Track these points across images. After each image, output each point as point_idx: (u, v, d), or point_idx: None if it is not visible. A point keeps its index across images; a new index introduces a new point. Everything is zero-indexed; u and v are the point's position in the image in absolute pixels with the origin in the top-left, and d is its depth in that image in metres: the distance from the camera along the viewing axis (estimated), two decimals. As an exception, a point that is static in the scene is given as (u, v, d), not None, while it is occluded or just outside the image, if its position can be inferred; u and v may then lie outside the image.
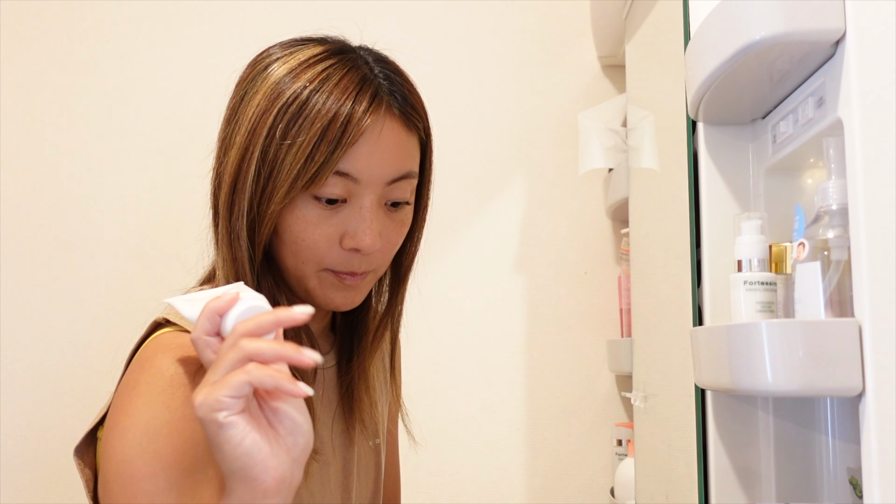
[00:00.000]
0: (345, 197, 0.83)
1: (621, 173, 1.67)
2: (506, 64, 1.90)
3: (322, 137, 0.80)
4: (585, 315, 1.85)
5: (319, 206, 0.83)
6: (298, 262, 0.85)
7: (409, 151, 0.87)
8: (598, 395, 1.84)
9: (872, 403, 0.70)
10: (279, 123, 0.82)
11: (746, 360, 0.79)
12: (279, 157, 0.82)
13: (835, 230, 0.79)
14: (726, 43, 0.83)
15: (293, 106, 0.82)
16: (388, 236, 0.87)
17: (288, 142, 0.81)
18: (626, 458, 1.68)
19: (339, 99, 0.82)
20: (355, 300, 0.89)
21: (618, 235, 1.85)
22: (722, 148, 1.03)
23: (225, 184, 0.85)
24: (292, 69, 0.84)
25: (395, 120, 0.85)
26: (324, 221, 0.83)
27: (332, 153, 0.81)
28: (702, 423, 1.04)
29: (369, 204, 0.84)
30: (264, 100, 0.84)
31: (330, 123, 0.81)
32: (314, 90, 0.82)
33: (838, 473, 0.93)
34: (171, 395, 0.78)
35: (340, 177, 0.82)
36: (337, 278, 0.86)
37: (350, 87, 0.83)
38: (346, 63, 0.85)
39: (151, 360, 0.81)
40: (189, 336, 0.81)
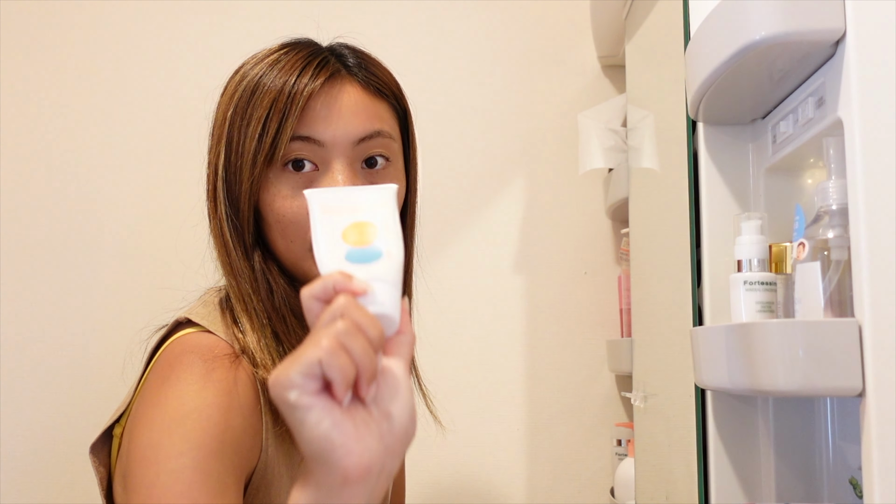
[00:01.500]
0: (314, 162, 0.85)
1: (621, 173, 1.67)
2: (506, 64, 1.90)
3: (272, 108, 0.84)
4: (585, 315, 1.85)
5: (291, 176, 0.85)
6: (287, 242, 0.86)
7: (376, 113, 0.88)
8: (598, 395, 1.84)
9: (872, 403, 0.70)
10: (238, 108, 0.86)
11: (746, 359, 0.79)
12: (241, 137, 0.85)
13: (835, 230, 0.79)
14: (726, 43, 0.83)
15: (248, 89, 0.86)
16: None
17: (245, 122, 0.85)
18: (626, 458, 1.68)
19: (288, 73, 0.85)
20: None
21: (618, 235, 1.85)
22: (722, 148, 1.03)
23: (209, 180, 0.89)
24: (254, 65, 0.89)
25: (354, 84, 0.88)
26: (299, 192, 0.84)
27: (284, 120, 0.83)
28: (702, 423, 1.04)
29: (340, 166, 0.85)
30: (226, 94, 0.90)
31: (278, 94, 0.84)
32: (265, 73, 0.86)
33: (838, 473, 0.93)
34: (203, 387, 0.78)
35: (301, 141, 0.84)
36: None
37: (298, 62, 0.86)
38: (300, 48, 0.89)
39: (180, 358, 0.81)
40: (212, 338, 0.83)
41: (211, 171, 0.90)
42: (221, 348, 0.83)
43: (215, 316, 0.88)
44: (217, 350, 0.82)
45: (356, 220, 0.65)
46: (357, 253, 0.64)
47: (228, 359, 0.81)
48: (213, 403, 0.77)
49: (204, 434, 0.75)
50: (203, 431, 0.75)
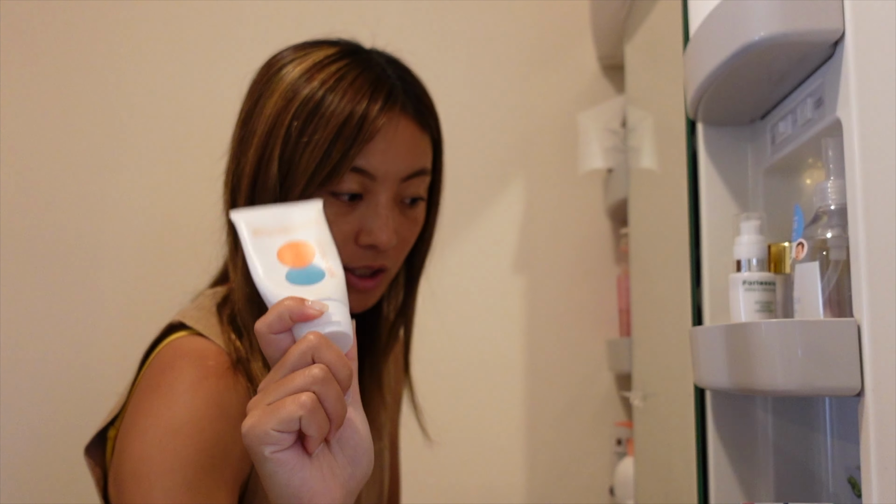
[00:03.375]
0: (361, 193, 0.85)
1: (621, 173, 1.67)
2: (505, 64, 1.90)
3: (338, 135, 0.82)
4: (585, 315, 1.85)
5: (336, 203, 0.84)
6: None
7: (423, 149, 0.90)
8: (597, 394, 1.84)
9: (871, 403, 0.70)
10: (296, 122, 0.83)
11: (745, 359, 0.79)
12: (296, 156, 0.82)
13: (833, 230, 0.79)
14: (725, 43, 0.83)
15: (309, 105, 0.83)
16: (403, 234, 0.89)
17: (305, 140, 0.82)
18: (626, 458, 1.68)
19: (355, 97, 0.83)
20: (368, 302, 0.90)
21: (617, 235, 1.86)
22: (721, 148, 1.03)
23: (244, 185, 0.85)
24: (306, 70, 0.85)
25: (410, 119, 0.87)
26: (340, 218, 0.84)
27: (348, 150, 0.82)
28: (701, 423, 1.04)
29: (385, 200, 0.86)
30: (280, 100, 0.85)
31: (346, 121, 0.82)
32: (329, 89, 0.83)
33: (837, 473, 0.93)
34: (193, 396, 0.78)
35: (356, 173, 0.84)
36: (352, 282, 0.86)
37: (365, 87, 0.84)
38: (359, 63, 0.86)
39: (171, 364, 0.81)
40: (205, 342, 0.82)
41: (247, 172, 0.85)
42: (213, 353, 0.82)
43: (210, 319, 0.86)
44: (209, 356, 0.81)
45: (290, 241, 0.64)
46: (298, 274, 0.62)
47: (220, 365, 0.81)
48: (204, 415, 0.77)
49: (194, 449, 0.75)
50: (194, 447, 0.75)
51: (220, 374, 0.80)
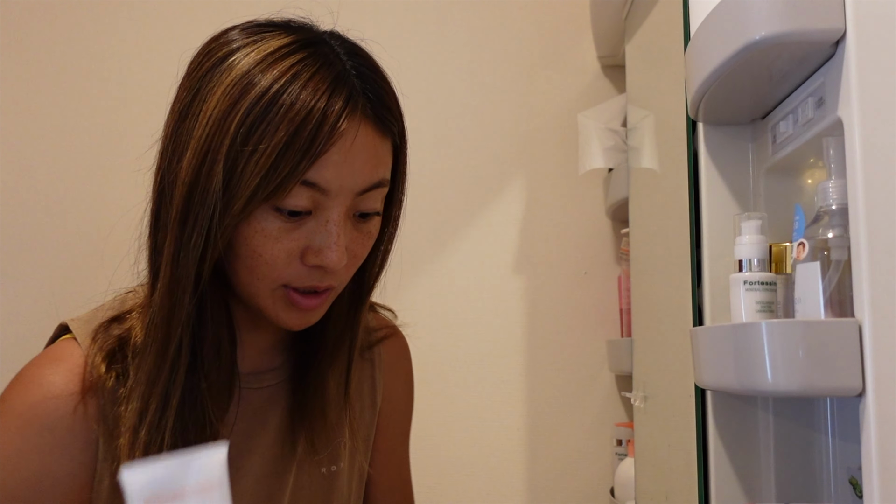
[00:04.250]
0: (310, 209, 0.75)
1: (621, 173, 1.67)
2: (506, 64, 1.90)
3: (288, 145, 0.71)
4: (585, 315, 1.85)
5: (281, 218, 0.74)
6: (253, 277, 0.76)
7: (382, 158, 0.78)
8: (598, 395, 1.84)
9: (872, 403, 0.70)
10: (242, 128, 0.71)
11: (746, 360, 0.79)
12: (239, 165, 0.71)
13: (835, 230, 0.79)
14: (726, 43, 0.83)
15: (258, 107, 0.72)
16: (354, 250, 0.79)
17: (250, 148, 0.71)
18: (626, 458, 1.68)
19: (309, 101, 0.72)
20: (311, 320, 0.82)
21: (618, 235, 1.85)
22: (722, 148, 1.03)
23: (177, 193, 0.74)
24: (256, 62, 0.74)
25: (369, 124, 0.76)
26: (285, 235, 0.75)
27: (298, 162, 0.71)
28: (702, 423, 1.04)
29: (337, 217, 0.76)
30: (225, 98, 0.73)
31: (298, 129, 0.71)
32: (280, 90, 0.72)
33: (838, 473, 0.93)
34: (28, 423, 0.75)
35: (307, 187, 0.73)
36: (292, 299, 0.78)
37: (322, 87, 0.73)
38: (317, 57, 0.75)
39: (23, 377, 0.78)
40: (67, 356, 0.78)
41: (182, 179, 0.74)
42: (63, 375, 0.77)
43: (92, 325, 0.81)
44: (67, 368, 0.77)
45: None
46: None
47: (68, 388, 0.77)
48: (35, 446, 0.75)
49: (20, 484, 0.74)
50: (20, 481, 0.74)
51: (58, 403, 0.76)
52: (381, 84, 0.79)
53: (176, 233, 0.74)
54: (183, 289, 0.74)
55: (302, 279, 0.77)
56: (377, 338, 1.00)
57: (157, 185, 0.78)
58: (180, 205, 0.74)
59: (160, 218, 0.77)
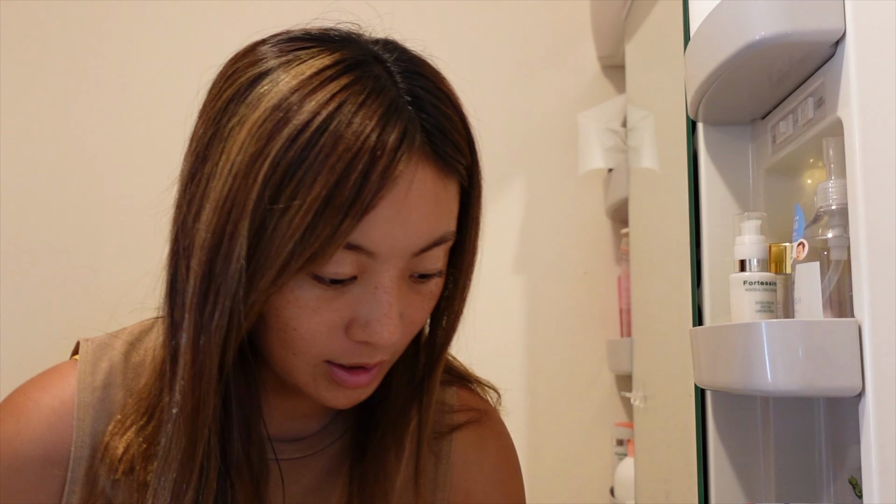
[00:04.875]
0: (354, 274, 0.61)
1: (621, 173, 1.67)
2: (506, 64, 1.90)
3: (329, 200, 0.57)
4: (585, 315, 1.85)
5: (320, 286, 0.60)
6: (288, 353, 0.63)
7: (446, 207, 0.65)
8: (597, 394, 1.84)
9: (872, 403, 0.70)
10: (272, 178, 0.57)
11: (746, 360, 0.79)
12: (268, 227, 0.57)
13: (834, 230, 0.79)
14: (726, 43, 0.83)
15: (291, 152, 0.57)
16: (412, 314, 0.65)
17: (281, 205, 0.57)
18: (626, 458, 1.68)
19: (353, 142, 0.57)
20: (360, 398, 0.67)
21: (618, 235, 1.86)
22: (722, 148, 1.03)
23: (195, 260, 0.60)
24: (291, 91, 0.59)
25: (429, 165, 0.61)
26: (325, 305, 0.61)
27: (341, 222, 0.57)
28: (701, 423, 1.04)
29: (388, 282, 0.61)
30: (251, 139, 0.58)
31: (340, 179, 0.57)
32: (320, 128, 0.57)
33: (838, 473, 0.93)
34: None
35: (351, 251, 0.59)
36: (336, 377, 0.65)
37: (370, 123, 0.58)
38: (365, 81, 0.60)
39: (9, 403, 0.71)
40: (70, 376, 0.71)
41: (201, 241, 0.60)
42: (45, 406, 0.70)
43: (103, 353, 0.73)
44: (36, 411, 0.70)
45: None
46: None
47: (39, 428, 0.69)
48: (4, 485, 0.68)
49: None
50: None
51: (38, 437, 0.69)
52: (444, 111, 0.65)
53: (195, 312, 0.60)
54: (207, 383, 0.61)
55: (347, 356, 0.64)
56: (453, 423, 0.81)
57: (172, 245, 0.64)
58: (199, 275, 0.60)
59: (176, 286, 0.63)
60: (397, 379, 0.73)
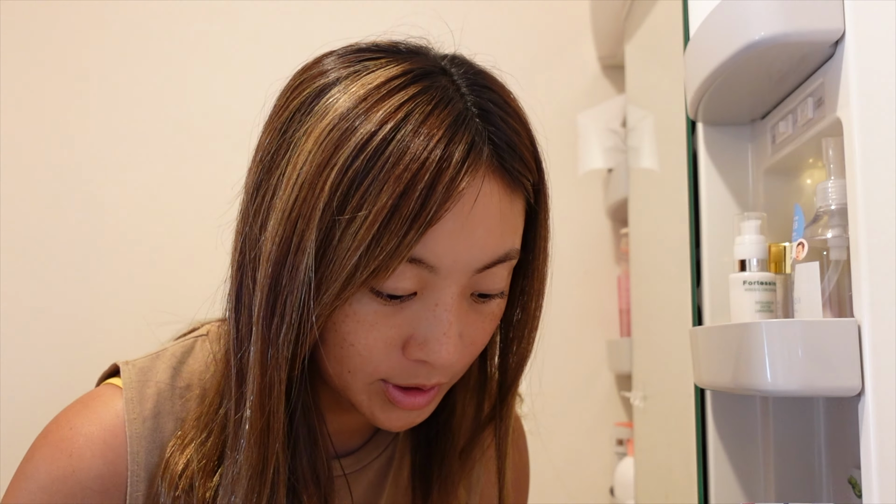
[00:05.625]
0: (415, 290, 0.60)
1: (621, 173, 1.67)
2: (506, 64, 1.89)
3: (394, 212, 0.56)
4: (585, 315, 1.85)
5: (379, 301, 0.60)
6: (344, 370, 0.63)
7: (511, 224, 0.63)
8: (598, 395, 1.84)
9: (871, 403, 0.70)
10: (339, 190, 0.57)
11: (746, 359, 0.79)
12: (334, 238, 0.57)
13: (834, 230, 0.79)
14: (726, 43, 0.83)
15: (358, 162, 0.57)
16: (473, 335, 0.65)
17: (347, 216, 0.57)
18: (626, 458, 1.68)
19: (420, 153, 0.57)
20: (416, 421, 0.67)
21: (618, 235, 1.86)
22: (721, 148, 1.03)
23: (262, 272, 0.60)
24: (358, 101, 0.59)
25: (495, 180, 0.61)
26: (382, 321, 0.61)
27: (405, 234, 0.56)
28: (701, 423, 1.04)
29: (449, 300, 0.61)
30: (318, 150, 0.58)
31: (406, 191, 0.56)
32: (387, 138, 0.57)
33: (838, 473, 0.93)
34: (50, 499, 0.66)
35: (413, 265, 0.59)
36: (393, 398, 0.64)
37: (437, 134, 0.58)
38: (433, 92, 0.60)
39: (53, 438, 0.69)
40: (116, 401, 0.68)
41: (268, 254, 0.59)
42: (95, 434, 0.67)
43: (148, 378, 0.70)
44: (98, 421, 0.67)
45: None
46: None
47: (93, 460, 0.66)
48: None
49: None
50: None
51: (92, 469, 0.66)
52: (512, 125, 0.65)
53: (263, 326, 0.60)
54: (277, 397, 0.61)
55: (404, 375, 0.63)
56: None
57: (238, 256, 0.64)
58: (266, 287, 0.59)
59: (241, 299, 0.63)
60: (461, 406, 0.72)
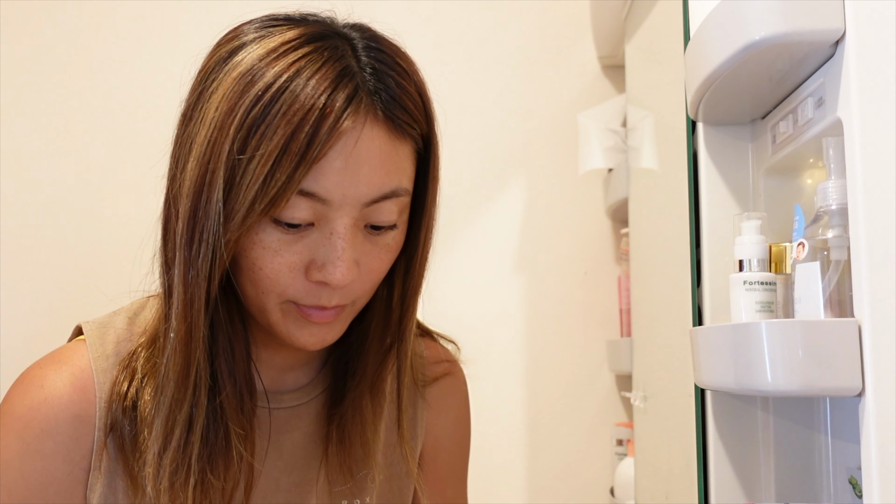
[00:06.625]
0: (311, 220, 0.69)
1: (621, 173, 1.67)
2: (506, 64, 1.90)
3: (285, 150, 0.66)
4: (585, 315, 1.85)
5: (280, 230, 0.69)
6: (258, 291, 0.72)
7: (396, 165, 0.71)
8: (598, 395, 1.84)
9: (872, 403, 0.70)
10: (240, 132, 0.67)
11: (746, 360, 0.79)
12: (237, 174, 0.67)
13: (834, 230, 0.79)
14: (726, 43, 0.83)
15: (256, 108, 0.67)
16: (369, 263, 0.73)
17: (247, 155, 0.67)
18: (626, 458, 1.68)
19: (308, 100, 0.66)
20: (326, 339, 0.75)
21: (618, 235, 1.86)
22: (722, 148, 1.03)
23: (182, 206, 0.70)
24: (260, 58, 0.69)
25: (378, 125, 0.69)
26: (286, 248, 0.70)
27: (295, 169, 0.66)
28: (701, 423, 1.04)
29: (342, 229, 0.70)
30: (225, 99, 0.68)
31: (295, 131, 0.66)
32: (281, 88, 0.67)
33: (838, 473, 0.93)
34: (27, 426, 0.74)
35: (305, 197, 0.68)
36: (302, 313, 0.73)
37: (324, 84, 0.67)
38: (326, 51, 0.69)
39: (25, 378, 0.76)
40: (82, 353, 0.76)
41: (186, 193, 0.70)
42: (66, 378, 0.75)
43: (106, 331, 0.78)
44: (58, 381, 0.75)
45: None
46: None
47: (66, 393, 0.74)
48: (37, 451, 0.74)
49: (26, 489, 0.74)
50: (25, 487, 0.74)
51: (66, 400, 0.74)
52: (400, 81, 0.72)
53: (184, 250, 0.70)
54: (197, 310, 0.70)
55: (308, 296, 0.72)
56: (434, 374, 0.93)
57: (166, 195, 0.74)
58: (186, 217, 0.69)
59: (169, 230, 0.73)
60: (372, 332, 0.81)
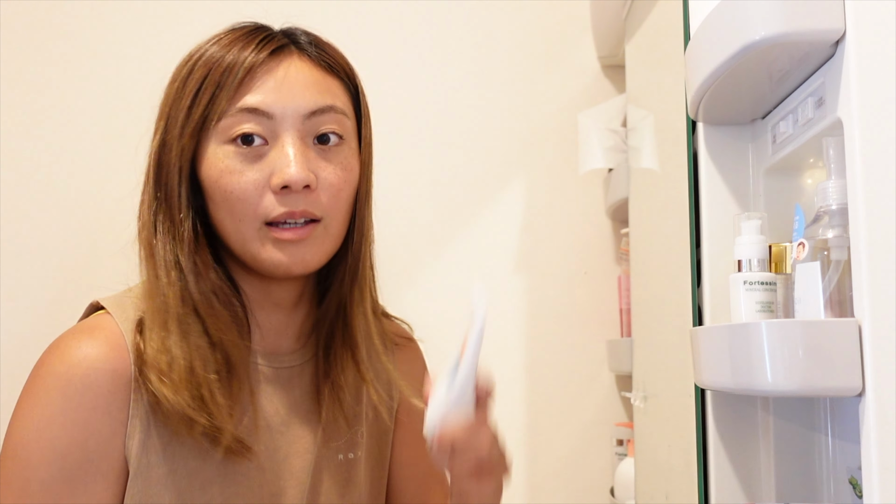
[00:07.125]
0: (263, 136, 0.82)
1: (621, 173, 1.67)
2: (506, 64, 1.90)
3: (206, 78, 0.82)
4: (585, 315, 1.85)
5: (238, 150, 0.82)
6: (236, 220, 0.82)
7: (329, 88, 0.86)
8: (597, 395, 1.84)
9: (872, 403, 0.70)
10: (175, 86, 0.84)
11: (746, 360, 0.79)
12: (175, 113, 0.83)
13: (834, 230, 0.79)
14: (726, 43, 0.83)
15: (186, 67, 0.84)
16: (327, 178, 0.84)
17: (178, 97, 0.83)
18: (626, 458, 1.68)
19: (229, 47, 0.84)
20: (305, 258, 0.84)
21: (618, 235, 1.85)
22: (722, 148, 1.03)
23: (158, 130, 0.85)
24: (207, 43, 0.86)
25: (304, 59, 0.85)
26: (248, 167, 0.82)
27: (219, 89, 0.81)
28: (701, 423, 1.04)
29: (290, 139, 0.82)
30: (179, 71, 0.86)
31: (215, 65, 0.82)
32: (206, 50, 0.84)
33: (838, 473, 0.93)
34: (69, 382, 0.78)
35: (249, 113, 0.82)
36: (277, 234, 0.82)
37: (242, 37, 0.85)
38: (259, 33, 0.86)
39: (59, 345, 0.82)
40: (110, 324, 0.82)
41: (153, 149, 0.86)
42: (100, 341, 0.81)
43: (123, 302, 0.86)
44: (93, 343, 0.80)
45: None
46: None
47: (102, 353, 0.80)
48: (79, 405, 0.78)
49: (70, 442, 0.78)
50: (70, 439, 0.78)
51: (103, 359, 0.80)
52: (315, 37, 0.88)
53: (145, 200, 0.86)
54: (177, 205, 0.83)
55: (277, 207, 0.81)
56: (394, 342, 1.02)
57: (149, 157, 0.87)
58: (157, 150, 0.85)
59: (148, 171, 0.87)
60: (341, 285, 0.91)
